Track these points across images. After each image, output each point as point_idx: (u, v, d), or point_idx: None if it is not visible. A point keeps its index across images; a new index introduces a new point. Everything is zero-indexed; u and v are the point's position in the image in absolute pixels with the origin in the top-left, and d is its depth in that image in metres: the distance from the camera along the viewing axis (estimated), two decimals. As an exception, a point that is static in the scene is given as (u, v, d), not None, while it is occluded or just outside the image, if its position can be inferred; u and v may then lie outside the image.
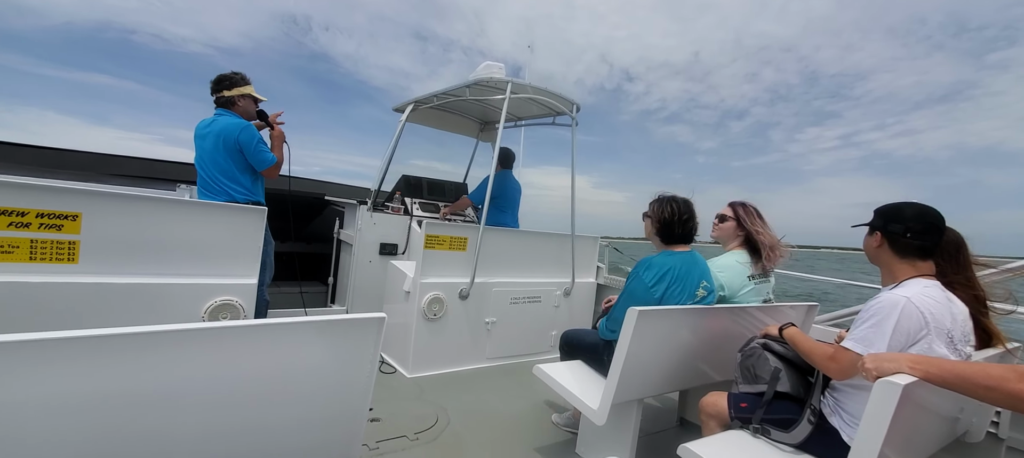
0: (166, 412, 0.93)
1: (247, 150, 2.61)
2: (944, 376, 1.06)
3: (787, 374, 1.61)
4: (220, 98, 2.66)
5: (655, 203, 2.07)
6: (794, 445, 1.49)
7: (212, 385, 0.97)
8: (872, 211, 1.51)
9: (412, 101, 3.77)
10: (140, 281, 1.95)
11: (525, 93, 3.23)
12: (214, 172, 2.59)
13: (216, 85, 2.66)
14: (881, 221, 1.46)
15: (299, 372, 1.09)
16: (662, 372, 1.90)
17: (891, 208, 1.46)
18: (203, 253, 2.10)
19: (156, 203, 2.01)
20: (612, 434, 1.98)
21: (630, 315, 1.62)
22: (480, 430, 2.28)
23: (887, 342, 1.27)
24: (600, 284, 3.94)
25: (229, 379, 0.99)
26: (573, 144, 3.55)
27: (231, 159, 2.59)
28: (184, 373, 0.93)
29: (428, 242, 2.92)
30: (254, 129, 2.68)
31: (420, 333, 2.92)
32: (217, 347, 0.96)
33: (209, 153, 2.58)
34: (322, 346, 1.10)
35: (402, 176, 4.36)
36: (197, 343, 0.93)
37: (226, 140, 2.56)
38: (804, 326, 2.26)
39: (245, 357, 1.00)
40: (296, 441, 1.13)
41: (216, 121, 2.62)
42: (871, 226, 1.49)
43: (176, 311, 2.03)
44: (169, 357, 0.90)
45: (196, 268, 2.09)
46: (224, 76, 2.68)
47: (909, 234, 1.39)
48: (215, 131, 2.57)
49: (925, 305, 1.29)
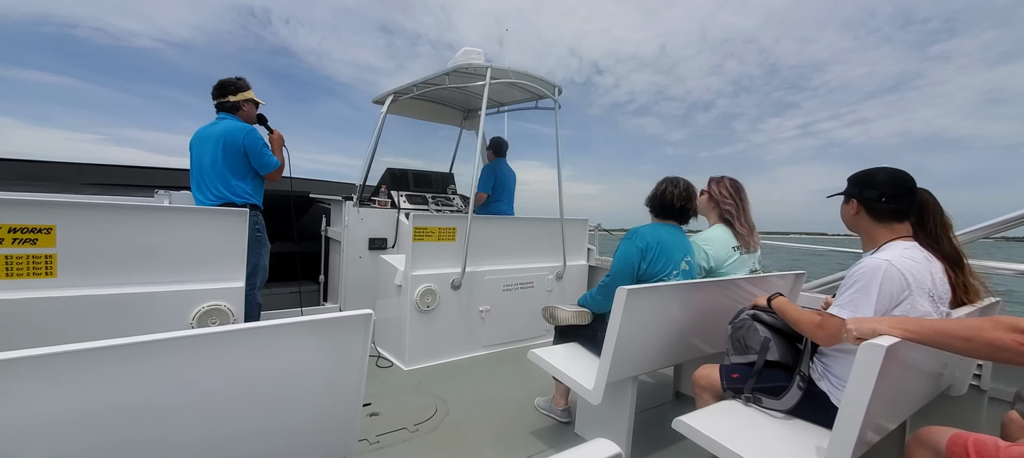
0: (158, 422, 0.92)
1: (252, 153, 2.66)
2: (924, 333, 1.09)
3: (776, 343, 1.64)
4: (224, 104, 2.68)
5: (662, 182, 2.17)
6: (785, 411, 1.53)
7: (203, 391, 0.96)
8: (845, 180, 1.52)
9: (391, 92, 3.71)
10: (123, 291, 1.92)
11: (506, 78, 3.19)
12: (213, 177, 2.60)
13: (220, 90, 2.67)
14: (856, 189, 1.47)
15: (290, 373, 1.08)
16: (655, 349, 1.92)
17: (864, 175, 1.47)
18: (187, 259, 2.07)
19: (134, 211, 1.96)
20: (609, 412, 2.01)
21: (619, 295, 1.64)
22: (479, 418, 2.30)
23: (873, 306, 1.29)
24: (592, 266, 3.97)
25: (220, 384, 0.98)
26: (557, 127, 3.53)
27: (235, 162, 2.63)
28: (174, 381, 0.91)
29: (417, 234, 2.90)
30: (258, 133, 2.71)
31: (414, 325, 2.92)
32: (206, 353, 0.94)
33: (209, 158, 2.59)
34: (312, 346, 1.09)
35: (387, 169, 4.31)
36: (186, 350, 0.92)
37: (230, 143, 2.60)
38: (792, 294, 2.30)
39: (235, 361, 0.99)
40: (291, 442, 1.13)
41: (218, 125, 2.64)
42: (846, 194, 1.51)
43: (163, 319, 2.00)
44: (158, 367, 0.89)
45: (181, 275, 2.06)
46: (227, 82, 2.69)
47: (884, 198, 1.41)
48: (217, 135, 2.60)
49: (906, 266, 1.32)
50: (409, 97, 3.75)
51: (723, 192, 2.30)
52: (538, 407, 2.40)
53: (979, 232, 2.09)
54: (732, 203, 2.28)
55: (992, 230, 2.07)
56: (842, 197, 1.53)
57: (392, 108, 3.85)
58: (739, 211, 2.28)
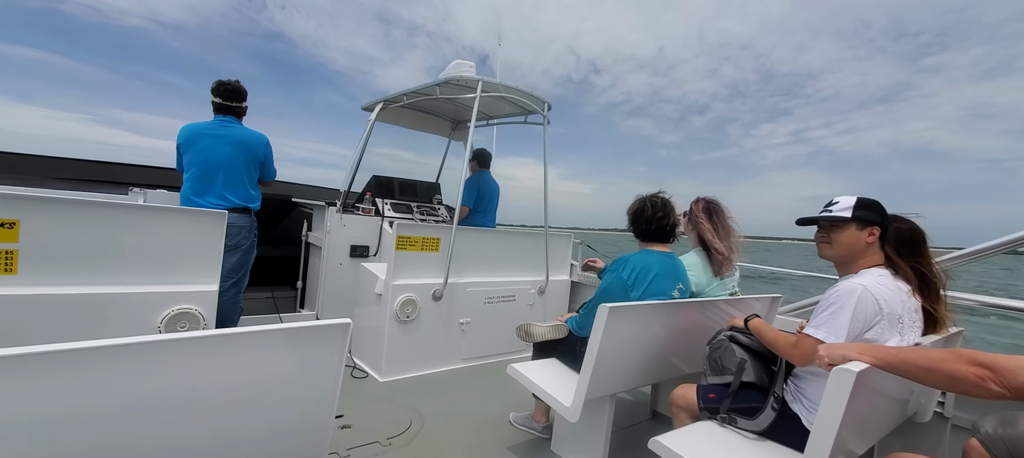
0: (120, 427, 0.88)
1: (268, 164, 2.81)
2: (891, 361, 1.12)
3: (752, 364, 1.66)
4: (237, 109, 2.72)
5: (635, 202, 2.10)
6: (758, 432, 1.55)
7: (166, 398, 0.92)
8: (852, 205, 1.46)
9: (381, 100, 3.71)
10: (89, 291, 1.84)
11: (496, 92, 3.22)
12: (231, 180, 2.63)
13: (236, 95, 2.70)
14: (879, 217, 1.46)
15: (261, 381, 1.05)
16: (634, 367, 1.93)
17: (877, 203, 1.46)
18: (158, 260, 2.00)
19: (105, 208, 1.90)
20: (586, 430, 2.00)
21: (601, 312, 1.64)
22: (455, 432, 2.26)
23: (846, 328, 1.33)
24: (574, 281, 3.98)
25: (187, 391, 0.94)
26: (544, 143, 3.56)
27: (254, 170, 2.73)
28: (137, 387, 0.88)
29: (400, 243, 2.87)
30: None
31: (393, 336, 2.87)
32: (173, 359, 0.91)
33: (228, 160, 2.61)
34: (286, 354, 1.06)
35: (372, 176, 4.28)
36: (152, 356, 0.88)
37: (253, 152, 2.70)
38: (768, 316, 2.34)
39: (204, 368, 0.95)
40: (259, 452, 1.09)
41: (233, 128, 2.68)
42: (864, 220, 1.45)
43: (130, 322, 1.93)
44: (121, 371, 0.85)
45: (151, 276, 1.99)
46: (241, 88, 2.72)
47: (886, 228, 1.47)
48: (237, 139, 2.65)
49: (879, 293, 1.36)
50: (399, 106, 3.75)
51: (697, 216, 2.27)
52: (514, 422, 2.37)
53: (960, 260, 2.12)
54: (706, 226, 2.25)
55: (973, 258, 2.10)
56: (856, 224, 1.45)
57: (381, 116, 3.84)
58: (715, 234, 2.24)
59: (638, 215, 2.07)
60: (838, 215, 1.47)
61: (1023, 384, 0.90)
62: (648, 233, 2.08)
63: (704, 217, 2.27)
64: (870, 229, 1.45)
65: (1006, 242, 2.00)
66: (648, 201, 2.07)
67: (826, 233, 1.52)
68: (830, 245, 1.51)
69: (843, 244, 1.48)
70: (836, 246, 1.49)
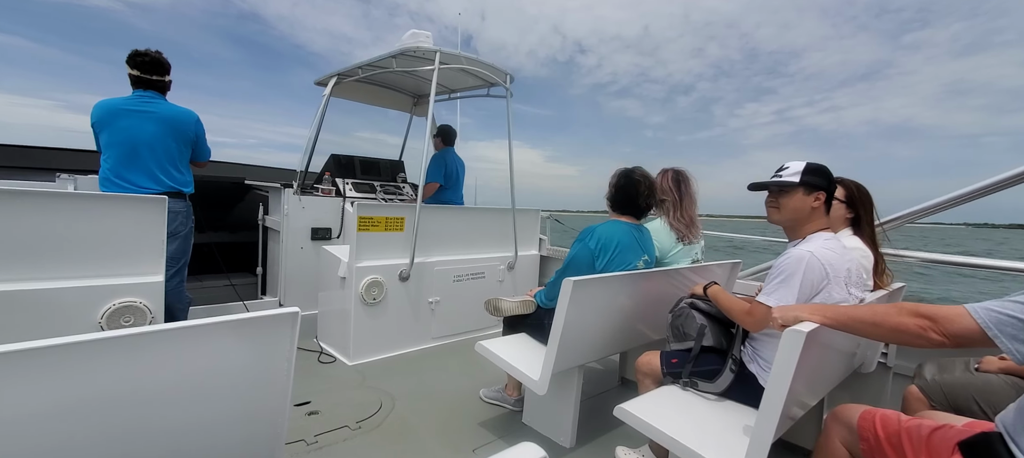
0: (55, 427, 0.82)
1: (200, 143, 2.58)
2: (840, 319, 1.16)
3: (712, 329, 1.71)
4: (160, 83, 2.45)
5: (623, 173, 2.07)
6: (718, 393, 1.61)
7: (110, 396, 0.87)
8: (801, 170, 1.47)
9: (335, 74, 3.52)
10: (17, 288, 1.69)
11: (456, 64, 3.11)
12: (163, 161, 2.40)
13: (158, 67, 2.42)
14: (825, 181, 1.48)
15: (210, 374, 0.99)
16: (601, 338, 1.95)
17: (824, 169, 1.48)
18: (94, 251, 1.85)
19: (31, 197, 1.73)
20: (556, 401, 2.03)
21: (565, 286, 1.64)
22: (426, 412, 2.25)
23: (796, 294, 1.37)
24: (544, 256, 3.99)
25: (130, 388, 0.88)
26: (508, 116, 3.49)
27: (184, 151, 2.51)
28: (78, 386, 0.82)
29: (362, 224, 2.78)
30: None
31: (359, 319, 2.80)
32: (115, 356, 0.85)
33: (153, 140, 2.37)
34: (235, 346, 1.01)
35: (331, 155, 4.10)
36: (90, 354, 0.82)
37: (182, 131, 2.47)
38: (729, 282, 2.42)
39: (148, 364, 0.89)
40: (212, 444, 1.04)
41: (157, 104, 2.42)
42: (811, 185, 1.46)
43: (67, 319, 1.79)
44: (59, 373, 0.79)
45: (86, 269, 1.84)
46: (163, 59, 2.45)
47: (833, 193, 1.51)
48: (162, 117, 2.40)
49: (825, 257, 1.41)
50: (355, 80, 3.57)
51: (665, 185, 2.33)
52: (484, 397, 2.38)
53: (899, 221, 2.27)
54: (670, 196, 2.32)
55: (909, 218, 2.26)
56: (803, 189, 1.47)
57: (337, 91, 3.66)
58: (677, 206, 2.30)
59: (627, 189, 2.03)
60: (786, 180, 1.49)
61: (960, 332, 0.95)
62: (625, 206, 2.07)
63: (672, 188, 2.32)
64: (816, 194, 1.47)
65: (936, 204, 2.15)
66: (638, 178, 2.03)
67: (775, 198, 1.54)
68: (778, 210, 1.53)
69: (790, 208, 1.50)
70: (783, 211, 1.51)
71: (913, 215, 2.25)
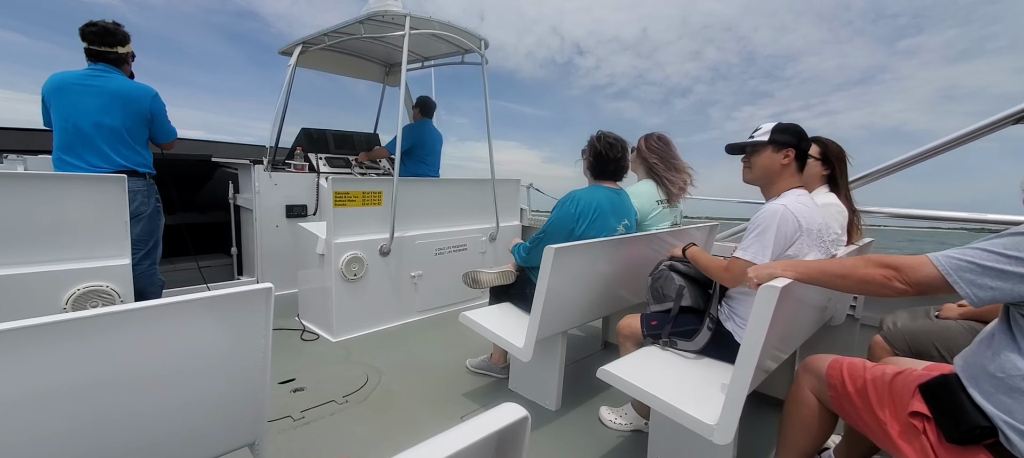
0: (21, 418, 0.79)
1: (158, 121, 2.39)
2: (812, 273, 1.20)
3: (690, 290, 1.74)
4: (108, 54, 2.25)
5: (593, 138, 2.07)
6: (696, 351, 1.66)
7: (79, 381, 0.84)
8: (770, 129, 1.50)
9: (300, 42, 3.35)
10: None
11: (428, 29, 2.98)
12: (111, 139, 2.24)
13: (107, 36, 2.23)
14: (794, 139, 1.49)
15: (185, 353, 0.97)
16: (583, 303, 1.98)
17: (794, 127, 1.50)
18: (52, 234, 1.76)
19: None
20: (540, 367, 2.07)
21: (547, 254, 1.64)
22: (412, 384, 2.27)
23: (771, 247, 1.40)
24: (525, 225, 3.99)
25: (100, 373, 0.86)
26: (484, 83, 3.40)
27: (138, 129, 2.33)
28: (43, 373, 0.80)
29: (338, 199, 2.71)
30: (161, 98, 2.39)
31: (341, 295, 2.77)
32: (81, 338, 0.82)
33: (100, 116, 2.20)
34: (209, 324, 0.98)
35: (302, 130, 3.95)
36: (54, 338, 0.79)
37: (134, 107, 2.28)
38: (707, 244, 2.47)
39: (117, 345, 0.87)
40: (190, 424, 1.02)
41: (106, 79, 2.23)
42: (780, 143, 1.49)
43: (28, 306, 1.71)
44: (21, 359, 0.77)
45: (45, 253, 1.76)
46: (113, 27, 2.25)
47: (805, 150, 1.52)
48: (113, 92, 2.22)
49: (799, 211, 1.44)
50: (322, 48, 3.41)
51: (652, 146, 2.33)
52: (470, 367, 2.41)
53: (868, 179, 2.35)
54: (658, 158, 2.33)
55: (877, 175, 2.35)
56: (772, 146, 1.50)
57: (303, 61, 3.49)
58: (666, 165, 2.32)
59: (600, 155, 2.04)
60: (757, 139, 1.53)
61: (922, 279, 0.98)
62: (602, 171, 2.08)
63: (659, 147, 2.32)
64: (785, 151, 1.50)
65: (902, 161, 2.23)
66: (606, 142, 2.04)
67: (748, 158, 1.57)
68: (750, 169, 1.56)
69: (760, 166, 1.53)
70: (755, 169, 1.55)
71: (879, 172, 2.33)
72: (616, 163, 2.06)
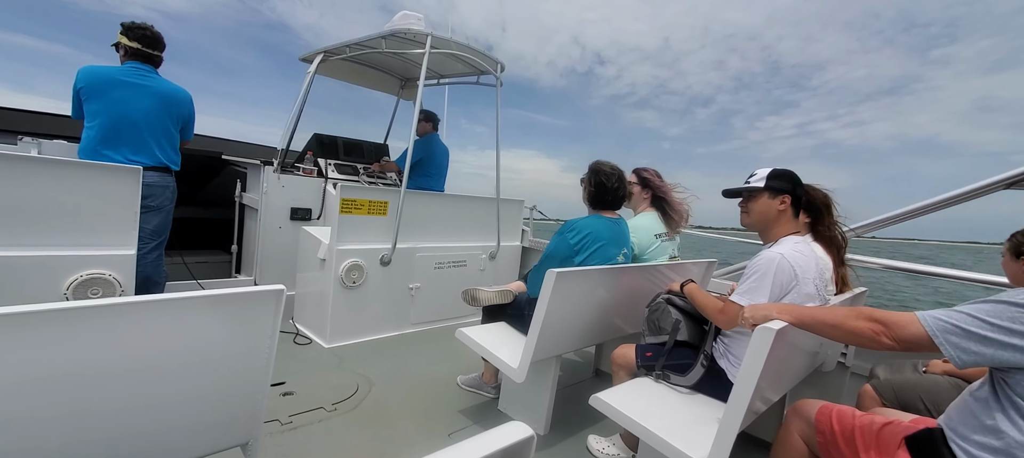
0: (15, 402, 0.79)
1: (191, 123, 2.59)
2: (805, 319, 1.23)
3: (686, 325, 1.77)
4: (158, 58, 2.43)
5: (593, 167, 2.13)
6: (689, 387, 1.67)
7: (79, 370, 0.84)
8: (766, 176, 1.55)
9: (321, 51, 3.43)
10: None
11: (447, 49, 3.07)
12: (157, 134, 2.39)
13: (158, 43, 2.40)
14: (791, 185, 1.55)
15: (187, 350, 0.98)
16: (579, 329, 2.00)
17: (789, 173, 1.55)
18: (60, 220, 1.79)
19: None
20: (532, 389, 2.07)
21: (548, 277, 1.67)
22: (403, 396, 2.27)
23: (767, 294, 1.44)
24: (525, 247, 4.02)
25: (100, 362, 0.86)
26: (497, 105, 3.48)
27: (176, 127, 2.51)
28: (41, 360, 0.79)
29: (344, 206, 2.75)
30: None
31: (338, 302, 2.78)
32: (83, 328, 0.82)
33: (148, 114, 2.34)
34: (215, 321, 0.99)
35: (313, 135, 4.02)
36: (56, 325, 0.79)
37: (177, 109, 2.47)
38: (704, 280, 2.50)
39: (121, 337, 0.87)
40: (187, 421, 1.03)
41: (153, 79, 2.40)
42: (776, 190, 1.53)
43: (27, 289, 1.73)
44: (19, 344, 0.76)
45: (51, 238, 1.78)
46: (160, 35, 2.41)
47: (801, 197, 1.57)
48: (160, 93, 2.39)
49: (795, 260, 1.48)
50: (342, 59, 3.50)
51: (651, 177, 2.42)
52: (462, 384, 2.41)
53: (861, 229, 2.39)
54: (662, 189, 2.41)
55: (869, 228, 2.38)
56: (768, 193, 1.54)
57: (323, 69, 3.57)
58: (667, 197, 2.41)
59: (601, 185, 2.09)
60: (753, 185, 1.57)
61: (909, 337, 1.02)
62: (602, 202, 2.13)
63: (656, 181, 2.42)
64: (781, 198, 1.54)
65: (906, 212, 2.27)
66: (608, 171, 2.10)
67: (745, 203, 1.61)
68: (748, 214, 1.61)
69: (757, 212, 1.58)
70: (752, 214, 1.59)
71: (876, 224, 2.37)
72: (614, 193, 2.11)
